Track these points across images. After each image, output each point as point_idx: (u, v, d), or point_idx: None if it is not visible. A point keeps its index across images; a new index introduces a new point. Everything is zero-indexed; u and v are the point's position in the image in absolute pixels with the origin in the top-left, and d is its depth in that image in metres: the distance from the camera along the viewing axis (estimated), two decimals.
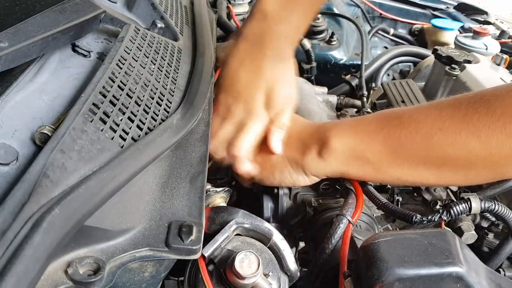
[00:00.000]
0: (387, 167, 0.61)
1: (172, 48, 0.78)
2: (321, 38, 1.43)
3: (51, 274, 0.39)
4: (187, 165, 0.58)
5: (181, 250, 0.46)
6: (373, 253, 0.50)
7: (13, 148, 0.47)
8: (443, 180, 0.63)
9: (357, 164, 0.63)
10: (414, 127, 0.58)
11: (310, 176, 0.69)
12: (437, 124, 0.56)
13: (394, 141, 0.59)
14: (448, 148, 0.55)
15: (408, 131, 0.58)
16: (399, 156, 0.60)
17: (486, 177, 0.59)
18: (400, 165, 0.60)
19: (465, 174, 0.58)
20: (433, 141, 0.56)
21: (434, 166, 0.58)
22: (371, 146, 0.61)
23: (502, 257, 0.76)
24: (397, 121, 0.60)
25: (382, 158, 0.61)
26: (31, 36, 0.55)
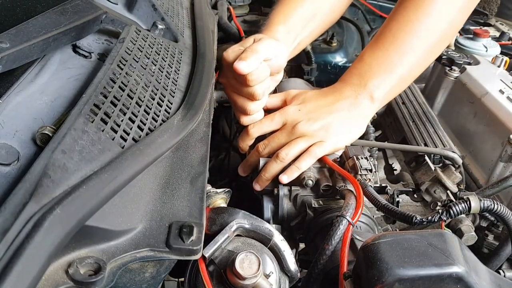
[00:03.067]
0: (410, 72, 0.86)
1: (173, 49, 0.78)
2: (322, 39, 1.43)
3: (52, 274, 0.39)
4: (188, 166, 0.58)
5: (181, 250, 0.46)
6: (373, 253, 0.50)
7: (14, 149, 0.47)
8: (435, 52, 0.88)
9: (398, 87, 0.88)
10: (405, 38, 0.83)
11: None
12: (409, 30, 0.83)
13: (400, 53, 0.83)
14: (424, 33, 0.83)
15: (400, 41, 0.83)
16: (413, 57, 0.84)
17: None
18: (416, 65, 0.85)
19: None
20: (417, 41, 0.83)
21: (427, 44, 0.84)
22: (397, 68, 0.84)
23: (502, 258, 0.76)
24: (393, 44, 0.83)
25: (406, 69, 0.84)
26: (32, 37, 0.55)
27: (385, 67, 0.83)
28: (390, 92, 0.86)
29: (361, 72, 0.85)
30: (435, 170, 0.83)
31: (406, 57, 0.83)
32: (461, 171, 0.86)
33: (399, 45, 0.83)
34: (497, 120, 0.91)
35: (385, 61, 0.84)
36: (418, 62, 0.85)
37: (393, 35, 0.84)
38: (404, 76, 0.85)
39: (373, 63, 0.84)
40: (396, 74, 0.84)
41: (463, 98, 1.03)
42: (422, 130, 0.95)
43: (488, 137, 0.93)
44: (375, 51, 0.85)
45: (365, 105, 0.84)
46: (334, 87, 0.87)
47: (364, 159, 0.78)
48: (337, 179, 0.77)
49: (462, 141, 1.01)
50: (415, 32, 0.83)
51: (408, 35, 0.83)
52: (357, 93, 0.84)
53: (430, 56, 0.88)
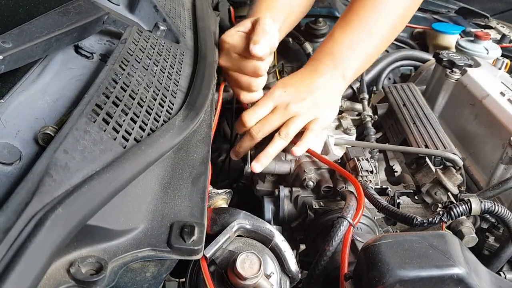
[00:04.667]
0: (378, 46, 0.92)
1: (175, 50, 0.78)
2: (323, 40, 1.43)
3: (54, 273, 0.39)
4: (189, 166, 0.58)
5: (183, 250, 0.46)
6: (374, 255, 0.50)
7: (16, 148, 0.47)
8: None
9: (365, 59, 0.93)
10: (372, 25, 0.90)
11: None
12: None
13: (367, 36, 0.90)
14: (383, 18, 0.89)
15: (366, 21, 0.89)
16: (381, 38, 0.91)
17: None
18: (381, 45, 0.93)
19: None
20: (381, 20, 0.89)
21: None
22: (365, 50, 0.90)
23: (503, 260, 0.76)
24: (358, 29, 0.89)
25: (372, 50, 0.91)
26: (35, 37, 0.55)
27: (354, 47, 0.89)
28: (359, 69, 0.93)
29: (333, 52, 0.89)
30: (436, 172, 0.83)
31: (373, 37, 0.90)
32: (462, 173, 0.86)
33: (366, 25, 0.89)
34: (498, 122, 0.91)
35: (354, 41, 0.89)
36: (382, 40, 0.92)
37: (359, 15, 0.89)
38: (371, 54, 0.93)
39: (344, 43, 0.89)
40: (364, 53, 0.90)
41: (464, 100, 1.03)
42: (423, 131, 0.95)
43: (488, 139, 0.93)
44: (345, 30, 0.90)
45: (338, 83, 0.90)
46: (309, 66, 0.92)
47: (365, 160, 0.78)
48: (338, 181, 0.77)
49: (463, 143, 1.01)
50: (379, 12, 0.89)
51: (372, 15, 0.89)
52: (330, 73, 0.89)
53: (393, 34, 0.94)
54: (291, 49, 1.39)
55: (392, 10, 0.90)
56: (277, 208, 0.79)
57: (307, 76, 0.90)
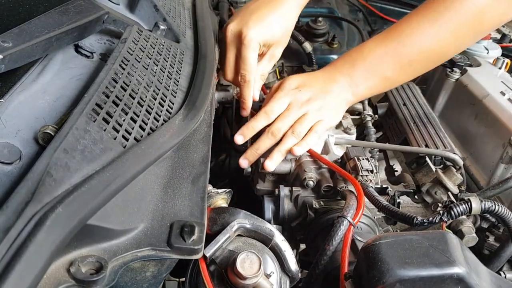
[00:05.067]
0: (399, 75, 0.88)
1: (175, 50, 0.78)
2: (323, 41, 1.43)
3: (54, 273, 0.39)
4: (189, 165, 0.58)
5: (183, 250, 0.46)
6: (374, 254, 0.50)
7: (16, 148, 0.47)
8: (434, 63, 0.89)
9: (381, 85, 0.89)
10: (407, 42, 0.84)
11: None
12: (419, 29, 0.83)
13: (398, 54, 0.84)
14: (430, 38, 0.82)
15: (404, 44, 0.84)
16: (406, 63, 0.85)
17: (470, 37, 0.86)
18: (407, 70, 0.87)
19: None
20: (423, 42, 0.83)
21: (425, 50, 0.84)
22: (387, 68, 0.86)
23: (503, 259, 0.76)
24: (393, 42, 0.85)
25: (396, 71, 0.86)
26: (35, 37, 0.55)
27: (377, 68, 0.86)
28: (374, 91, 0.91)
29: (355, 65, 0.88)
30: (436, 172, 0.83)
31: (398, 62, 0.85)
32: (462, 172, 0.86)
33: (399, 50, 0.85)
34: (498, 121, 0.91)
35: (376, 62, 0.86)
36: (411, 67, 0.87)
37: (398, 37, 0.85)
38: (393, 79, 0.89)
39: (367, 59, 0.87)
40: (383, 76, 0.87)
41: (464, 100, 1.03)
42: (423, 131, 0.95)
43: (489, 138, 0.93)
44: (376, 47, 0.87)
45: (348, 95, 0.89)
46: (327, 71, 0.91)
47: (365, 160, 0.78)
48: (338, 180, 0.77)
49: (463, 142, 1.01)
50: (412, 37, 0.84)
51: (404, 38, 0.84)
52: (344, 84, 0.88)
53: (425, 65, 0.89)
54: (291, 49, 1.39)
55: (430, 41, 0.83)
56: (277, 207, 0.79)
57: (322, 79, 0.89)
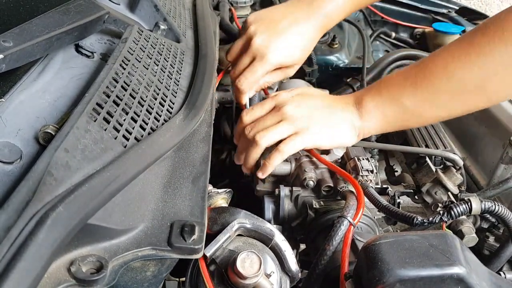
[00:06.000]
0: (421, 107, 0.73)
1: (175, 50, 0.78)
2: (323, 41, 1.43)
3: (54, 272, 0.39)
4: (190, 165, 0.58)
5: (183, 249, 0.46)
6: (374, 254, 0.50)
7: (17, 147, 0.47)
8: (468, 104, 0.72)
9: (398, 114, 0.75)
10: (431, 65, 0.71)
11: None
12: (449, 56, 0.69)
13: (420, 80, 0.71)
14: (463, 71, 0.67)
15: (428, 69, 0.71)
16: (428, 91, 0.71)
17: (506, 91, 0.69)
18: (430, 100, 0.71)
19: (484, 93, 0.68)
20: (450, 68, 0.68)
21: (455, 86, 0.69)
22: (403, 91, 0.73)
23: (503, 260, 0.76)
24: (418, 67, 0.73)
25: (416, 99, 0.72)
26: (36, 36, 0.55)
27: (392, 93, 0.74)
28: (387, 119, 0.76)
29: (369, 88, 0.78)
30: (436, 172, 0.83)
31: (423, 92, 0.71)
32: (462, 172, 0.86)
33: (422, 76, 0.71)
34: (498, 122, 0.91)
35: (397, 88, 0.74)
36: (436, 103, 0.72)
37: (423, 65, 0.73)
38: (411, 110, 0.73)
39: (383, 83, 0.77)
40: (401, 104, 0.73)
41: None
42: (423, 131, 0.95)
43: (489, 139, 0.93)
44: (396, 75, 0.76)
45: (352, 117, 0.77)
46: (337, 96, 0.84)
47: (366, 160, 0.78)
48: (338, 180, 0.77)
49: (463, 143, 1.01)
50: (445, 69, 0.69)
51: (436, 69, 0.70)
52: (351, 103, 0.78)
53: (457, 102, 0.71)
54: None
55: (465, 71, 0.67)
56: (277, 207, 0.79)
57: (329, 97, 0.82)
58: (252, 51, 0.89)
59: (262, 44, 0.88)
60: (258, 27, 0.89)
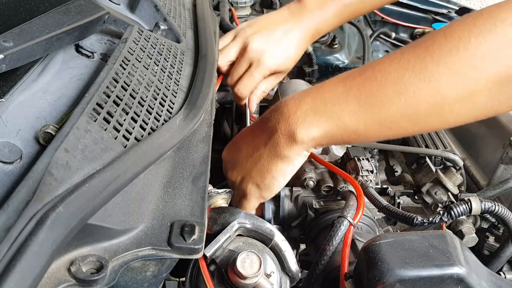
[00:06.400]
0: (365, 125, 0.59)
1: (175, 50, 0.78)
2: (323, 41, 1.43)
3: (54, 272, 0.39)
4: (190, 165, 0.58)
5: (183, 249, 0.46)
6: (374, 254, 0.50)
7: (17, 147, 0.47)
8: (420, 126, 0.59)
9: (335, 132, 0.61)
10: (381, 77, 0.56)
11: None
12: (402, 65, 0.55)
13: (365, 97, 0.57)
14: (419, 84, 0.54)
15: (376, 83, 0.56)
16: (374, 110, 0.57)
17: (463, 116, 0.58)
18: (377, 118, 0.58)
19: (440, 113, 0.56)
20: (402, 83, 0.55)
21: (410, 110, 0.56)
22: (345, 110, 0.58)
23: (503, 260, 0.76)
24: (363, 78, 0.58)
25: (359, 118, 0.58)
26: (36, 36, 0.55)
27: (332, 109, 0.60)
28: (327, 137, 0.62)
29: (301, 102, 0.63)
30: (436, 172, 0.83)
31: (366, 108, 0.58)
32: (462, 173, 0.86)
33: (367, 87, 0.58)
34: (498, 122, 0.91)
35: (337, 102, 0.60)
36: (384, 125, 0.59)
37: (365, 72, 0.59)
38: (352, 129, 0.60)
39: (321, 95, 0.62)
40: (340, 122, 0.60)
41: None
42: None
43: (489, 139, 0.93)
44: (335, 84, 0.62)
45: (281, 147, 0.64)
46: (260, 120, 0.71)
47: (366, 160, 0.78)
48: (338, 180, 0.77)
49: (463, 143, 1.01)
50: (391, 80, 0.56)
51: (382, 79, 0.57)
52: (276, 131, 0.64)
53: (407, 121, 0.58)
54: None
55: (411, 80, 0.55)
56: (277, 207, 0.80)
57: (251, 137, 0.70)
58: (249, 56, 0.91)
59: (258, 49, 0.91)
60: (252, 32, 0.92)
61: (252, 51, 0.91)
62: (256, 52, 0.91)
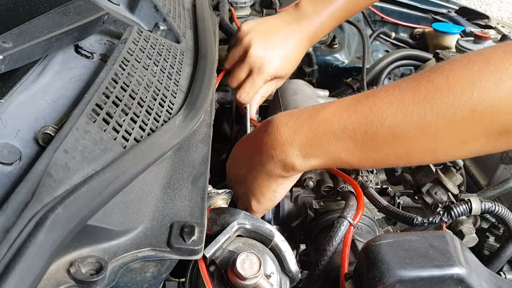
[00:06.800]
0: (359, 161, 0.61)
1: (175, 50, 0.78)
2: (323, 41, 1.43)
3: (54, 273, 0.39)
4: (189, 166, 0.58)
5: (183, 250, 0.46)
6: (374, 254, 0.50)
7: (16, 148, 0.47)
8: (413, 162, 0.63)
9: (332, 164, 0.63)
10: (377, 121, 0.56)
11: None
12: (400, 111, 0.54)
13: (361, 138, 0.57)
14: (415, 132, 0.54)
15: (374, 126, 0.56)
16: (369, 150, 0.58)
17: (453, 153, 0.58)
18: (371, 156, 0.59)
19: (434, 155, 0.57)
20: (399, 130, 0.55)
21: (404, 152, 0.57)
22: (340, 149, 0.59)
23: (503, 260, 0.76)
24: (358, 117, 0.57)
25: (354, 155, 0.60)
26: (35, 37, 0.55)
27: (329, 146, 0.60)
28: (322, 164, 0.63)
29: (296, 134, 0.62)
30: (436, 172, 0.83)
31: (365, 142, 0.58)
32: (462, 173, 0.86)
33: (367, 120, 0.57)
34: None
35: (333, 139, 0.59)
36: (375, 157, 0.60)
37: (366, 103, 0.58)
38: (347, 162, 0.62)
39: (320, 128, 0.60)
40: (336, 158, 0.61)
41: None
42: None
43: None
44: (334, 114, 0.60)
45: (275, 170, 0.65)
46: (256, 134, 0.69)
47: None
48: (338, 180, 0.77)
49: None
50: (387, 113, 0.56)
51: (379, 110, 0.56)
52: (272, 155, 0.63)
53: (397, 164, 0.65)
54: None
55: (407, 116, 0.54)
56: (277, 208, 0.79)
57: (249, 152, 0.69)
58: (250, 62, 0.92)
59: (259, 55, 0.91)
60: (253, 37, 0.92)
61: (253, 57, 0.92)
62: (257, 57, 0.92)
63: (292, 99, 0.98)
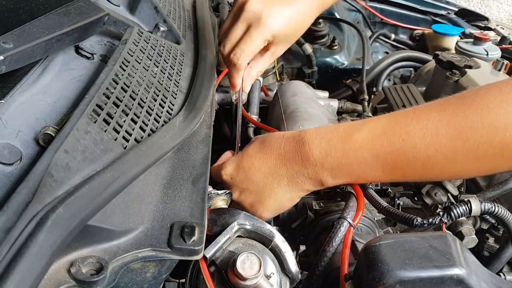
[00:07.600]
0: (384, 181, 0.70)
1: (175, 51, 0.78)
2: (323, 43, 1.44)
3: (54, 273, 0.39)
4: (190, 166, 0.58)
5: (183, 250, 0.46)
6: (374, 255, 0.50)
7: (16, 148, 0.47)
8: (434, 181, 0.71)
9: (357, 181, 0.68)
10: (409, 153, 0.57)
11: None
12: (433, 145, 0.56)
13: (391, 167, 0.60)
14: (445, 164, 0.57)
15: (405, 158, 0.58)
16: (395, 177, 0.63)
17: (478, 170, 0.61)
18: (396, 179, 0.66)
19: (456, 177, 0.66)
20: (430, 162, 0.57)
21: (428, 178, 0.64)
22: (369, 174, 0.62)
23: (503, 261, 0.76)
24: (391, 148, 0.58)
25: (381, 178, 0.65)
26: (36, 38, 0.55)
27: (358, 175, 0.64)
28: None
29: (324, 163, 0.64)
30: None
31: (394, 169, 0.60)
32: None
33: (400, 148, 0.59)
34: None
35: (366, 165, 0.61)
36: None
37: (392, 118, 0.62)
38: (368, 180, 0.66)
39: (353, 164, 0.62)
40: (362, 179, 0.66)
41: None
42: None
43: None
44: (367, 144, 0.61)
45: (291, 194, 0.68)
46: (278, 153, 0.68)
47: None
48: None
49: None
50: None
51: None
52: (293, 176, 0.66)
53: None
54: (291, 50, 1.39)
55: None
56: None
57: (266, 170, 0.67)
58: (246, 17, 0.75)
59: (258, 8, 0.74)
60: None
61: (251, 10, 0.74)
62: (255, 10, 0.74)
63: (292, 100, 0.98)
